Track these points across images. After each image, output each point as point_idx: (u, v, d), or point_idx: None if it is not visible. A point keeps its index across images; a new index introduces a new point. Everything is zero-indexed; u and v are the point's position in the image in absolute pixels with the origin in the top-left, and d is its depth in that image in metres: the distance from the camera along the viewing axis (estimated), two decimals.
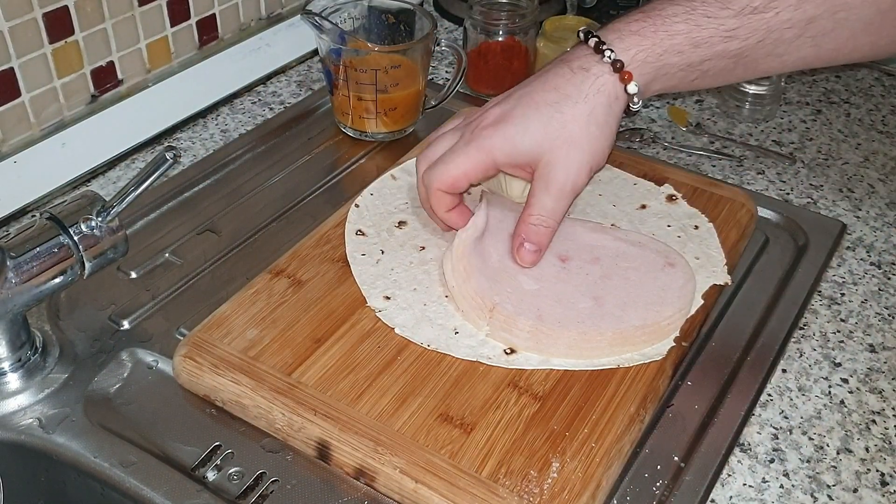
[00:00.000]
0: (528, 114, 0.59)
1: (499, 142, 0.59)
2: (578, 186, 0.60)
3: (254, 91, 0.91)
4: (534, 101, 0.59)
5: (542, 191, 0.60)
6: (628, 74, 0.58)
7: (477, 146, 0.60)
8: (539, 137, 0.59)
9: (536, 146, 0.59)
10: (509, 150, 0.59)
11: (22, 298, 0.55)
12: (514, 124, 0.59)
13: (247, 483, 0.53)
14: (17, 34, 0.70)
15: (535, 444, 0.53)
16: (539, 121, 0.59)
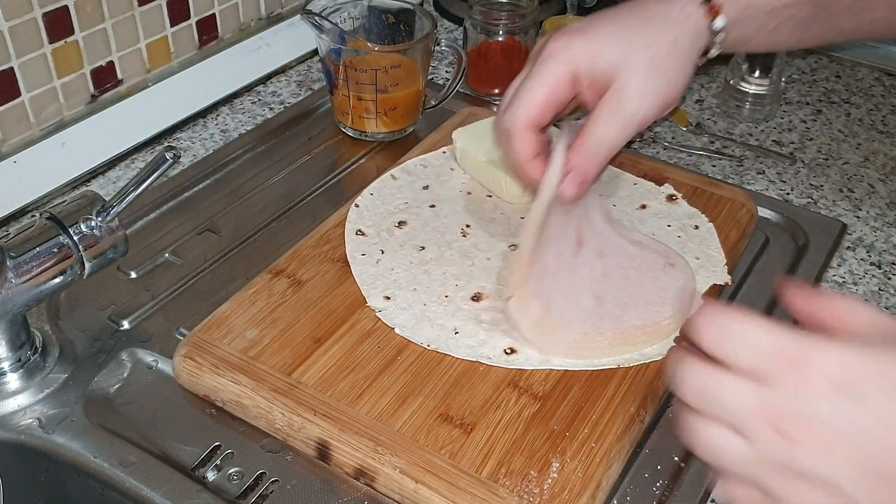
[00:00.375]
0: (610, 28, 0.55)
1: (580, 51, 0.55)
2: (648, 119, 0.55)
3: (254, 91, 0.91)
4: (616, 17, 0.56)
5: (609, 115, 0.55)
6: (716, 8, 0.55)
7: (557, 59, 0.55)
8: (622, 51, 0.54)
9: (616, 61, 0.54)
10: (592, 59, 0.54)
11: (22, 298, 0.55)
12: (595, 34, 0.55)
13: (247, 483, 0.53)
14: (17, 34, 0.70)
15: (535, 444, 0.53)
16: (622, 35, 0.55)
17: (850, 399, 0.33)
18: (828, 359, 0.33)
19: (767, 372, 0.34)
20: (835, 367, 0.33)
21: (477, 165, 0.72)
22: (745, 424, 0.34)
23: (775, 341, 0.35)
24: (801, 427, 0.33)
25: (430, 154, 0.76)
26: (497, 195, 0.71)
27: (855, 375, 0.33)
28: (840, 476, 0.33)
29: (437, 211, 0.70)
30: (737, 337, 0.36)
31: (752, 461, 0.34)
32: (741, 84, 0.88)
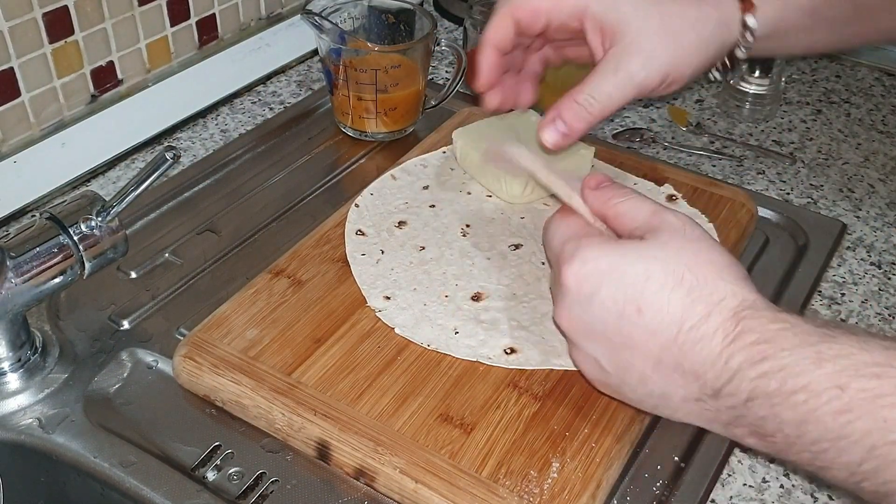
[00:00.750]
0: None
1: None
2: (646, 86, 0.55)
3: (254, 91, 0.91)
4: None
5: (608, 72, 0.54)
6: (751, 4, 0.55)
7: None
8: (640, 8, 0.53)
9: (629, 16, 0.54)
10: (608, 1, 0.54)
11: (22, 298, 0.55)
12: None
13: (247, 483, 0.53)
14: (17, 34, 0.70)
15: (535, 444, 0.53)
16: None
17: (588, 293, 0.47)
18: (576, 263, 0.48)
19: (551, 263, 0.52)
20: (577, 271, 0.48)
21: (477, 165, 0.72)
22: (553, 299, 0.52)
23: (555, 244, 0.51)
24: (561, 316, 0.50)
25: (430, 154, 0.76)
26: (497, 195, 0.71)
27: (595, 274, 0.47)
28: (585, 344, 0.49)
29: (437, 211, 0.70)
30: (544, 236, 0.53)
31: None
32: (741, 84, 0.88)
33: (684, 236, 0.48)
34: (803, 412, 0.41)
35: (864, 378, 0.40)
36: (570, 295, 0.48)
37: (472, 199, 0.71)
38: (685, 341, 0.45)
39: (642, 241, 0.48)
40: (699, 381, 0.45)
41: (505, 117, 0.76)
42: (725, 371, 0.43)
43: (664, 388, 0.47)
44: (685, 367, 0.45)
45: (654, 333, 0.46)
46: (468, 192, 0.72)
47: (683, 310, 0.45)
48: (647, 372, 0.47)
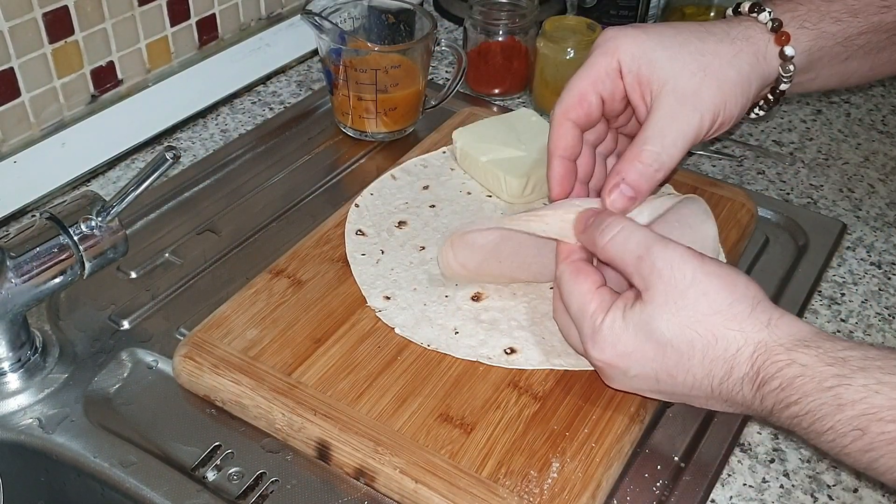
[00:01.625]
0: (662, 29, 0.54)
1: (626, 42, 0.53)
2: (702, 130, 0.53)
3: (254, 91, 0.91)
4: (671, 25, 0.55)
5: (665, 121, 0.52)
6: (786, 35, 0.54)
7: (601, 49, 0.54)
8: (672, 53, 0.52)
9: (663, 61, 0.52)
10: (636, 52, 0.53)
11: (22, 298, 0.55)
12: (646, 30, 0.53)
13: (247, 483, 0.53)
14: (17, 34, 0.70)
15: (535, 444, 0.53)
16: (675, 38, 0.53)
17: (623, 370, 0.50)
18: (597, 348, 0.50)
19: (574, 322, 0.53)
20: (602, 357, 0.50)
21: (477, 165, 0.72)
22: None
23: (573, 311, 0.52)
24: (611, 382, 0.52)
25: (430, 154, 0.76)
26: (497, 195, 0.71)
27: (620, 357, 0.49)
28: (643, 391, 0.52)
29: (437, 211, 0.70)
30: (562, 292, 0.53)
31: None
32: None
33: (676, 289, 0.48)
34: (835, 448, 0.45)
35: (882, 422, 0.43)
36: (607, 371, 0.52)
37: (472, 199, 0.71)
38: (721, 392, 0.48)
39: (643, 307, 0.49)
40: (749, 409, 0.48)
41: (505, 117, 0.77)
42: (763, 408, 0.47)
43: (725, 409, 0.50)
44: (732, 404, 0.49)
45: (693, 388, 0.49)
46: (468, 192, 0.72)
47: (707, 373, 0.48)
48: (704, 404, 0.51)
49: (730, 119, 0.54)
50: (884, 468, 0.43)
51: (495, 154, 0.71)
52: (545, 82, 0.86)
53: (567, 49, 0.83)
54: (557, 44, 0.83)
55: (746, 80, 0.54)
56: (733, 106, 0.54)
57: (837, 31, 0.56)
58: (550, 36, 0.84)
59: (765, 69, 0.55)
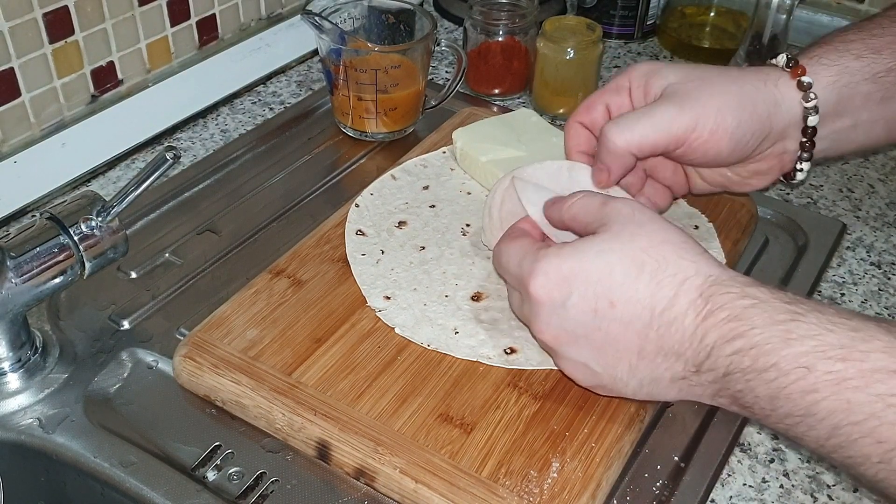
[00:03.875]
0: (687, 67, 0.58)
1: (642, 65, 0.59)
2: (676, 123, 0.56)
3: (254, 91, 0.91)
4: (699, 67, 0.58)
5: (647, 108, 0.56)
6: (801, 68, 0.56)
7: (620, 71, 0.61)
8: (680, 70, 0.57)
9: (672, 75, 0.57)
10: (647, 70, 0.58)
11: (22, 298, 0.55)
12: (669, 64, 0.58)
13: (247, 483, 0.53)
14: (17, 34, 0.70)
15: (535, 444, 0.53)
16: (687, 65, 0.58)
17: (560, 301, 0.49)
18: (540, 276, 0.49)
19: (513, 286, 0.54)
20: (543, 283, 0.49)
21: (477, 165, 0.72)
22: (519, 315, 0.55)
23: (512, 268, 0.52)
24: (541, 330, 0.51)
25: (430, 154, 0.76)
26: None
27: (561, 281, 0.48)
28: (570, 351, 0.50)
29: (437, 211, 0.70)
30: (498, 263, 0.54)
31: None
32: None
33: (634, 221, 0.49)
34: (774, 389, 0.43)
35: (829, 360, 0.41)
36: (543, 307, 0.50)
37: (472, 199, 0.71)
38: (660, 325, 0.46)
39: (596, 236, 0.49)
40: (681, 359, 0.46)
41: (505, 117, 0.77)
42: (702, 348, 0.45)
43: (652, 373, 0.48)
44: (665, 349, 0.47)
45: (630, 323, 0.47)
46: (468, 192, 0.72)
47: (651, 294, 0.47)
48: (633, 361, 0.48)
49: (724, 129, 0.55)
50: (824, 412, 0.41)
51: (495, 154, 0.71)
52: (545, 82, 0.86)
53: (567, 49, 0.83)
54: (557, 44, 0.83)
55: (749, 99, 0.55)
56: (729, 116, 0.55)
57: (861, 66, 0.56)
58: (550, 36, 0.84)
59: (775, 96, 0.56)
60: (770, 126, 0.57)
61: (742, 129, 0.55)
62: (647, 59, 1.00)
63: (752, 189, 0.62)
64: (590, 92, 0.87)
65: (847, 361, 0.41)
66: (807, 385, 0.42)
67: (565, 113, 0.86)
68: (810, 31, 1.02)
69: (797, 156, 0.59)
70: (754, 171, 0.60)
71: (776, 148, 0.59)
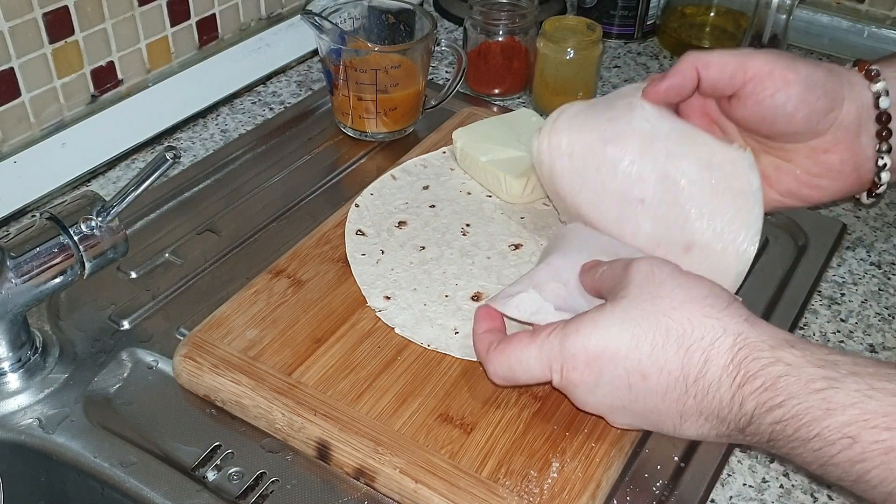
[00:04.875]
0: None
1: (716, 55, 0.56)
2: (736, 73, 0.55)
3: (254, 91, 0.91)
4: None
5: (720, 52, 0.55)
6: (867, 62, 0.55)
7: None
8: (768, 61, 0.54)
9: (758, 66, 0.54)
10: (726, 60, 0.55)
11: (22, 298, 0.55)
12: None
13: (247, 483, 0.53)
14: (17, 34, 0.70)
15: (535, 444, 0.53)
16: None
17: (594, 382, 0.48)
18: (568, 363, 0.49)
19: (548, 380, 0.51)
20: (573, 368, 0.48)
21: (477, 165, 0.72)
22: None
23: (531, 367, 0.50)
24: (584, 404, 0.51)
25: (430, 154, 0.76)
26: (497, 195, 0.71)
27: (590, 362, 0.48)
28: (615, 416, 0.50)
29: (437, 211, 0.70)
30: (518, 375, 0.51)
31: None
32: None
33: (654, 281, 0.48)
34: (821, 457, 0.42)
35: (875, 430, 0.40)
36: (579, 389, 0.49)
37: (472, 199, 0.71)
38: (697, 392, 0.46)
39: (616, 304, 0.48)
40: (724, 422, 0.46)
41: (505, 117, 0.77)
42: (742, 414, 0.44)
43: (699, 431, 0.48)
44: (706, 413, 0.46)
45: (667, 393, 0.47)
46: (468, 192, 0.72)
47: (682, 364, 0.46)
48: (676, 423, 0.48)
49: (794, 73, 0.53)
50: (875, 480, 0.41)
51: (495, 154, 0.71)
52: (545, 82, 0.86)
53: (567, 49, 0.83)
54: (557, 44, 0.83)
55: (821, 66, 0.55)
56: (801, 66, 0.54)
57: None
58: (550, 36, 0.84)
59: (845, 78, 0.55)
60: (841, 96, 0.55)
61: (813, 79, 0.54)
62: (647, 58, 1.00)
63: (824, 196, 0.58)
64: (590, 92, 0.87)
65: (892, 430, 0.40)
66: (854, 455, 0.41)
67: None
68: (810, 31, 1.02)
69: (875, 155, 0.56)
70: (826, 168, 0.56)
71: (849, 134, 0.55)
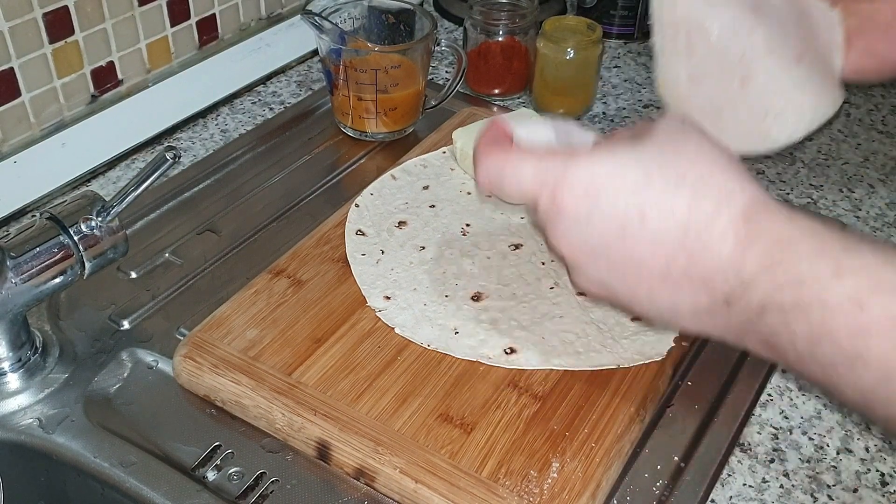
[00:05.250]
0: None
1: None
2: None
3: (254, 91, 0.91)
4: None
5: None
6: None
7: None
8: None
9: None
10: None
11: (22, 298, 0.55)
12: None
13: (247, 483, 0.53)
14: (17, 34, 0.70)
15: (535, 444, 0.53)
16: None
17: (587, 211, 0.43)
18: (567, 182, 0.43)
19: (533, 201, 0.46)
20: (572, 189, 0.43)
21: None
22: None
23: (525, 181, 0.45)
24: (560, 241, 0.45)
25: (430, 154, 0.76)
26: None
27: (591, 189, 0.43)
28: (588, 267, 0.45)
29: (437, 211, 0.70)
30: (506, 182, 0.46)
31: None
32: None
33: (681, 130, 0.44)
34: (817, 329, 0.37)
35: (887, 296, 0.36)
36: (564, 220, 0.44)
37: (472, 199, 0.71)
38: (693, 247, 0.41)
39: (636, 142, 0.44)
40: (709, 289, 0.41)
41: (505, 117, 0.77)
42: (737, 279, 0.40)
43: (673, 301, 0.43)
44: (693, 276, 0.42)
45: (660, 242, 0.42)
46: (468, 192, 0.72)
47: (689, 210, 0.41)
48: (654, 287, 0.43)
49: None
50: (875, 357, 0.36)
51: None
52: (545, 82, 0.86)
53: (567, 49, 0.83)
54: (557, 44, 0.83)
55: None
56: None
57: None
58: (550, 36, 0.84)
59: None
60: None
61: None
62: (647, 58, 1.00)
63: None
64: (590, 92, 0.87)
65: None
66: (857, 326, 0.36)
67: (565, 113, 0.86)
68: None
69: None
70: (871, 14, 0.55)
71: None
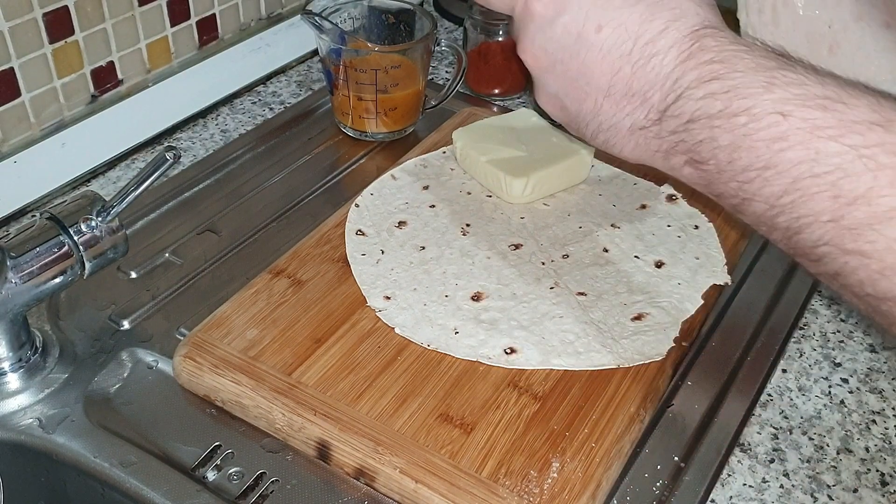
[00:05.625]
0: None
1: None
2: None
3: (254, 91, 0.91)
4: None
5: None
6: None
7: None
8: None
9: None
10: None
11: (22, 298, 0.55)
12: None
13: (247, 483, 0.53)
14: (17, 34, 0.70)
15: (535, 444, 0.53)
16: None
17: (552, 16, 0.46)
18: None
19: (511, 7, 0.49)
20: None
21: (477, 165, 0.72)
22: None
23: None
24: (525, 49, 0.48)
25: (430, 154, 0.76)
26: (497, 195, 0.71)
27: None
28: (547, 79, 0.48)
29: (437, 211, 0.70)
30: None
31: None
32: None
33: None
34: (739, 136, 0.40)
35: (809, 108, 0.38)
36: (533, 22, 0.47)
37: (472, 199, 0.71)
38: (638, 59, 0.44)
39: None
40: (646, 104, 0.44)
41: (505, 117, 0.77)
42: (673, 91, 0.43)
43: (613, 117, 0.46)
44: (634, 88, 0.44)
45: (609, 52, 0.45)
46: (468, 192, 0.72)
47: (641, 23, 0.44)
48: (598, 100, 0.46)
49: None
50: (788, 163, 0.38)
51: (495, 154, 0.71)
52: None
53: None
54: None
55: None
56: None
57: None
58: None
59: None
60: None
61: None
62: None
63: None
64: None
65: (828, 111, 0.38)
66: (777, 133, 0.39)
67: None
68: None
69: None
70: None
71: None
